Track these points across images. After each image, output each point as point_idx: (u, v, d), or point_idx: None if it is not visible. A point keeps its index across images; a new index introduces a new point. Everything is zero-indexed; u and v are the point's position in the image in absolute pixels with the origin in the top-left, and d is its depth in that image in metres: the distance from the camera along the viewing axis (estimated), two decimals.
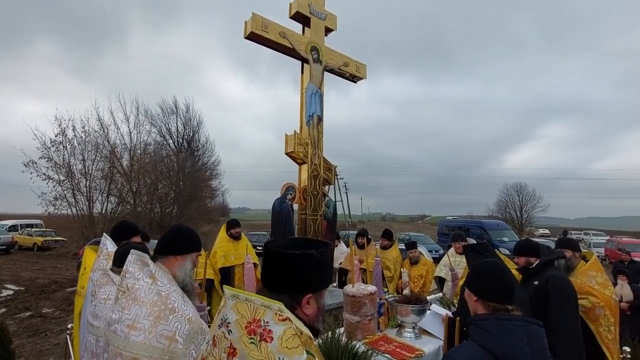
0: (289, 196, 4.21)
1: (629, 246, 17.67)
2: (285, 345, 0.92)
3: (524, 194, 43.21)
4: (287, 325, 0.95)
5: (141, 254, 1.56)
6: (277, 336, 0.92)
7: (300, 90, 4.36)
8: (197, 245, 1.77)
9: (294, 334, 0.94)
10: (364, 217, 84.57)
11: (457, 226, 20.87)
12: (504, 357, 1.27)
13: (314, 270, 1.09)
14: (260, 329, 0.93)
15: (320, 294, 1.14)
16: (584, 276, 2.89)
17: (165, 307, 1.41)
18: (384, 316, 3.21)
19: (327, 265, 1.16)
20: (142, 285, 1.47)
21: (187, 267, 1.68)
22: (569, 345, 2.42)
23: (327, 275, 1.17)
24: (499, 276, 1.45)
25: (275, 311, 0.96)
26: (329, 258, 1.15)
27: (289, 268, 1.08)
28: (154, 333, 1.35)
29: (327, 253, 1.13)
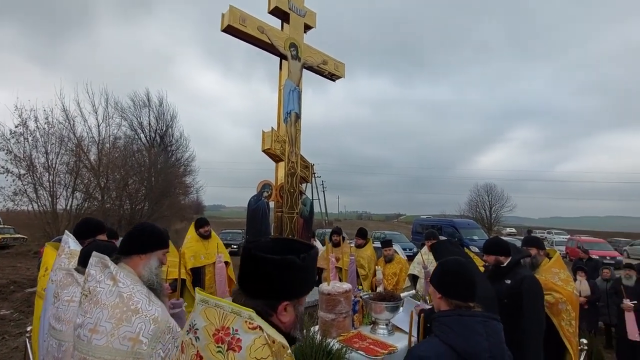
0: (265, 194, 4.16)
1: (587, 245, 18.85)
2: (254, 355, 0.88)
3: (493, 195, 45.09)
4: (257, 334, 0.91)
5: (101, 256, 1.52)
6: (246, 346, 0.88)
7: (278, 86, 4.31)
8: (162, 243, 1.72)
9: (264, 343, 0.91)
10: (340, 215, 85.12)
11: (430, 225, 21.47)
12: (465, 352, 1.32)
13: (293, 277, 1.03)
14: (228, 337, 0.89)
15: (299, 301, 1.09)
16: (548, 273, 3.04)
17: (127, 308, 1.39)
18: (358, 313, 3.24)
19: (309, 272, 1.08)
20: (103, 288, 1.44)
21: (152, 266, 1.63)
22: (536, 340, 2.55)
23: (308, 282, 1.10)
24: (462, 274, 1.50)
25: (245, 319, 0.92)
26: (311, 263, 1.07)
27: (266, 273, 1.01)
28: (116, 336, 1.33)
29: (309, 258, 1.06)
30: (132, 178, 20.95)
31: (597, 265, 7.72)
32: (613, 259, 16.78)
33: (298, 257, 1.02)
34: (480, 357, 1.32)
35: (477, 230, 20.90)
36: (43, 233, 16.62)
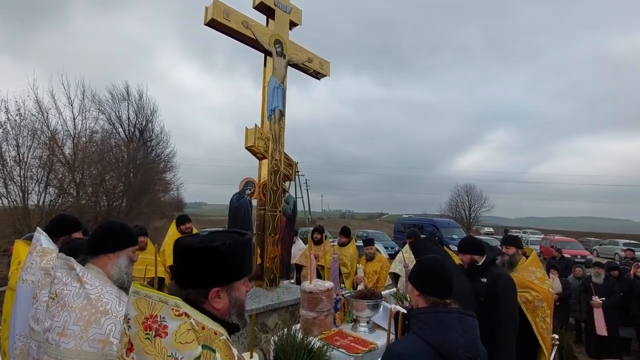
0: (248, 191, 4.11)
1: (560, 244, 19.62)
2: (179, 340, 0.92)
3: (472, 195, 46.29)
4: (182, 320, 0.96)
5: (67, 258, 1.48)
6: (172, 331, 0.93)
7: (263, 83, 4.26)
8: (130, 240, 1.68)
9: (190, 329, 0.95)
10: (324, 214, 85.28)
11: (412, 224, 21.83)
12: (441, 348, 1.35)
13: (220, 263, 1.07)
14: (156, 325, 0.94)
15: (232, 287, 1.11)
16: (525, 271, 3.14)
17: (96, 310, 1.36)
18: (340, 311, 3.26)
19: (237, 258, 1.11)
20: (70, 290, 1.41)
21: (121, 265, 1.59)
22: (510, 336, 2.64)
23: (238, 268, 1.13)
24: (439, 272, 1.53)
25: (171, 307, 0.96)
26: (238, 250, 1.11)
27: (192, 261, 1.07)
28: (85, 338, 1.31)
29: (236, 245, 1.10)
30: (109, 173, 20.29)
31: (569, 264, 8.06)
32: (584, 258, 17.52)
33: (223, 244, 1.06)
34: (456, 352, 1.34)
35: (456, 230, 21.41)
36: (13, 229, 15.86)
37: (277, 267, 4.20)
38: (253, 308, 3.68)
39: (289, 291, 4.22)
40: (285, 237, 4.35)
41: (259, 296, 3.96)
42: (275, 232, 4.16)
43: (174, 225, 4.74)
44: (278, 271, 4.21)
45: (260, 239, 4.11)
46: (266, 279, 4.10)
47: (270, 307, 3.85)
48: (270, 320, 3.88)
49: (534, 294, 2.96)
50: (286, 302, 3.99)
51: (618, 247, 22.02)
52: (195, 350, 0.93)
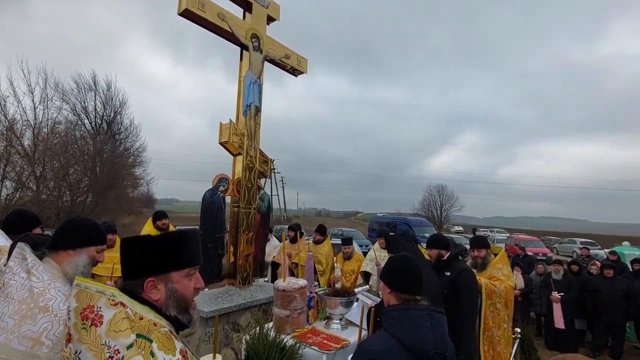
0: (222, 188, 4.01)
1: (524, 242, 20.64)
2: (112, 328, 0.95)
3: (444, 195, 47.81)
4: (118, 309, 0.98)
5: (23, 247, 1.39)
6: (107, 320, 0.96)
7: (239, 77, 4.17)
8: (96, 238, 1.59)
9: (124, 317, 0.97)
10: (299, 211, 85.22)
11: (386, 223, 22.22)
12: (411, 345, 1.38)
13: (150, 254, 1.10)
14: (92, 314, 0.96)
15: (168, 278, 1.12)
16: (494, 269, 3.32)
17: (35, 305, 1.26)
18: (313, 309, 3.26)
19: (172, 249, 1.13)
20: (16, 280, 1.32)
21: (80, 263, 1.50)
22: (471, 326, 2.82)
23: (174, 259, 1.13)
24: (409, 270, 1.56)
25: (108, 297, 0.99)
26: (175, 241, 1.14)
27: (126, 252, 1.12)
28: (16, 333, 1.21)
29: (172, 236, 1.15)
30: (73, 167, 19.25)
31: (532, 261, 8.49)
32: (545, 256, 18.51)
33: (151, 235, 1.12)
34: (426, 349, 1.37)
35: (428, 228, 22.01)
36: None
37: (250, 265, 4.14)
38: (225, 307, 3.60)
39: (262, 289, 4.17)
40: (260, 234, 4.29)
41: (232, 295, 3.89)
42: (249, 230, 4.10)
43: (150, 221, 4.58)
44: (251, 269, 4.15)
45: (234, 237, 4.03)
46: (239, 277, 4.03)
47: (242, 306, 3.79)
48: (242, 319, 3.83)
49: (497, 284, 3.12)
50: (259, 301, 3.94)
51: (576, 246, 23.47)
52: (128, 338, 0.94)
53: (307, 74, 4.95)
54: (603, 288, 6.15)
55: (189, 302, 1.16)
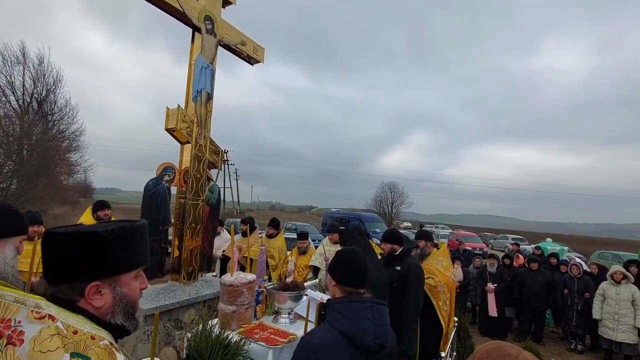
0: (167, 177, 3.75)
1: (464, 238, 22.27)
2: (38, 348, 0.78)
3: (395, 192, 49.91)
4: (44, 324, 0.81)
5: None
6: (30, 338, 0.78)
7: (189, 61, 3.91)
8: (20, 228, 1.44)
9: (54, 334, 0.80)
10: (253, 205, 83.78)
11: (339, 218, 22.63)
12: (352, 336, 1.40)
13: (100, 252, 0.91)
14: (8, 331, 0.78)
15: (116, 280, 0.95)
16: (434, 260, 3.50)
17: None
18: (261, 304, 3.20)
19: (124, 247, 0.96)
20: None
21: (7, 255, 1.35)
22: (414, 318, 2.95)
23: (126, 258, 0.97)
24: (354, 263, 1.58)
25: (31, 308, 0.81)
26: (127, 238, 0.96)
27: (64, 250, 0.90)
28: None
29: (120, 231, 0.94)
30: None
31: (470, 255, 9.16)
32: (481, 250, 20.13)
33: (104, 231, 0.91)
34: (366, 339, 1.40)
35: (379, 224, 22.82)
36: None
37: (196, 260, 3.95)
38: (166, 304, 3.40)
39: (209, 285, 4.01)
40: (208, 228, 4.11)
41: (175, 291, 3.69)
42: (197, 223, 3.90)
43: (88, 212, 4.14)
44: (198, 264, 3.96)
45: (179, 230, 3.81)
46: (184, 272, 3.83)
47: (186, 302, 3.61)
48: (186, 316, 3.64)
49: (436, 279, 3.32)
50: (205, 296, 3.78)
51: (507, 241, 25.86)
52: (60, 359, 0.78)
53: (263, 63, 4.81)
54: (528, 279, 6.82)
55: (136, 305, 1.01)
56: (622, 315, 5.59)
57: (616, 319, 5.63)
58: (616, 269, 5.94)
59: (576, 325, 6.26)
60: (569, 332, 6.53)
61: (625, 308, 5.58)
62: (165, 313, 3.45)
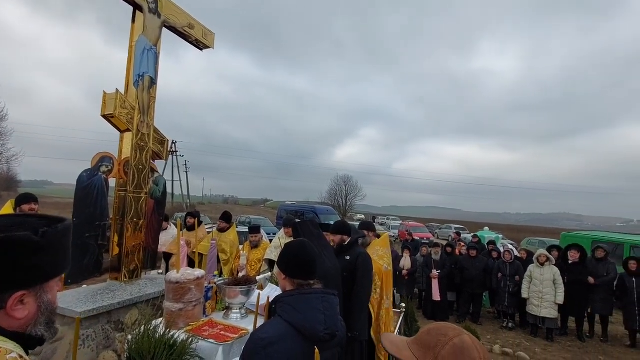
0: (104, 168, 3.43)
1: (413, 229, 23.49)
2: None
3: (349, 185, 50.99)
4: None
5: None
6: None
7: (130, 42, 3.59)
8: None
9: None
10: (205, 199, 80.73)
11: (294, 211, 22.63)
12: (302, 328, 1.40)
13: (31, 259, 0.81)
14: None
15: (44, 289, 0.86)
16: (372, 249, 3.62)
17: None
18: (211, 300, 3.09)
19: (56, 250, 0.87)
20: None
21: None
22: (364, 304, 3.04)
23: (57, 264, 0.88)
24: (302, 255, 1.58)
25: None
26: (57, 240, 0.87)
27: None
28: None
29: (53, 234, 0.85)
30: None
31: (418, 245, 9.67)
32: (428, 240, 21.37)
33: (35, 233, 0.81)
34: (316, 330, 1.40)
35: (333, 216, 23.22)
36: None
37: (139, 257, 3.69)
38: (105, 305, 3.15)
39: (154, 283, 3.78)
40: (152, 222, 3.86)
41: (114, 290, 3.42)
42: (139, 217, 3.64)
43: (9, 206, 3.66)
44: (140, 261, 3.71)
45: (119, 225, 3.53)
46: (125, 270, 3.56)
47: (128, 302, 3.37)
48: (127, 317, 3.40)
49: None
50: (150, 295, 3.56)
51: (451, 231, 27.73)
52: None
53: (213, 49, 4.58)
54: (468, 265, 7.39)
55: (56, 311, 0.90)
56: (545, 293, 6.28)
57: (540, 297, 6.32)
58: (540, 253, 6.65)
59: (508, 305, 6.92)
60: (502, 312, 7.20)
61: (548, 287, 6.29)
62: (104, 315, 3.20)
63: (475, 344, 0.83)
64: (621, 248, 9.46)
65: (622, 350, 6.08)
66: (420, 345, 0.86)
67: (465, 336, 0.84)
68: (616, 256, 8.69)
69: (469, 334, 0.87)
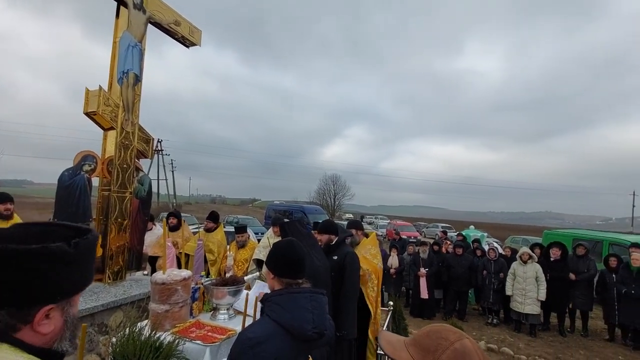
0: (87, 167, 3.34)
1: (400, 228, 23.71)
2: None
3: (338, 184, 51.12)
4: None
5: None
6: None
7: (114, 38, 3.51)
8: None
9: None
10: (192, 198, 79.68)
11: (282, 210, 22.57)
12: (291, 327, 1.39)
13: (62, 271, 0.77)
14: None
15: (70, 302, 0.83)
16: (363, 248, 3.65)
17: None
18: (198, 301, 3.05)
19: (85, 262, 0.84)
20: None
21: None
22: (353, 303, 3.05)
23: (85, 276, 0.85)
24: (290, 254, 1.57)
25: None
26: (88, 251, 0.84)
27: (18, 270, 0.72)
28: None
29: (85, 244, 0.81)
30: None
31: (405, 244, 9.76)
32: (415, 239, 21.62)
33: (68, 244, 0.77)
34: (305, 329, 1.40)
35: (321, 216, 23.23)
36: None
37: (124, 258, 3.62)
38: (88, 307, 3.08)
39: (139, 284, 3.71)
40: (137, 223, 3.78)
41: (98, 292, 3.35)
42: (124, 217, 3.56)
43: None
44: (125, 262, 3.64)
45: (103, 225, 3.45)
46: (109, 271, 3.48)
47: (112, 304, 3.30)
48: (111, 319, 3.33)
49: (364, 268, 3.47)
50: (135, 297, 3.49)
51: (438, 229, 28.13)
52: None
53: (199, 46, 4.52)
54: (454, 263, 7.50)
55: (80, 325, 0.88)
56: (528, 290, 6.44)
57: (523, 294, 6.47)
58: (524, 251, 6.81)
59: (492, 302, 7.07)
60: (487, 309, 7.34)
61: (531, 284, 6.44)
62: (86, 317, 3.12)
63: (476, 348, 0.82)
64: (600, 245, 9.76)
65: (601, 344, 6.28)
66: (419, 348, 0.84)
67: (466, 340, 0.83)
68: (596, 253, 8.97)
69: (470, 337, 0.85)
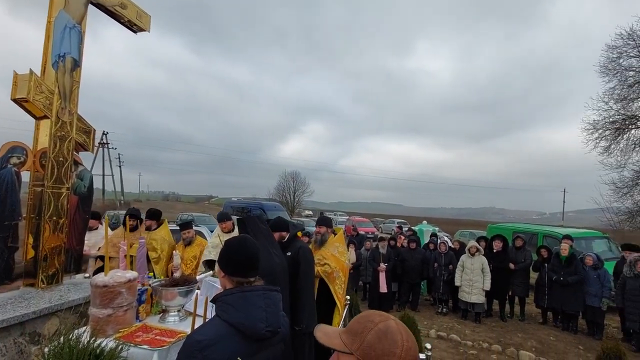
0: (15, 160, 2.99)
1: (358, 223, 24.26)
2: None
3: (297, 181, 51.07)
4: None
5: None
6: None
7: (48, 17, 3.16)
8: None
9: None
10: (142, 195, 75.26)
11: (240, 207, 22.07)
12: (242, 326, 1.34)
13: None
14: None
15: None
16: (331, 246, 3.69)
17: None
18: (145, 304, 2.87)
19: None
20: None
21: None
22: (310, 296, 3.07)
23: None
24: (242, 252, 1.52)
25: None
26: None
27: None
28: None
29: None
30: None
31: (362, 239, 9.99)
32: (372, 234, 22.23)
33: None
34: (257, 328, 1.36)
35: (281, 212, 23.05)
36: None
37: (60, 260, 3.30)
38: (17, 315, 2.77)
39: (77, 288, 3.41)
40: (76, 221, 3.47)
41: (29, 299, 3.02)
42: (60, 216, 3.24)
43: None
44: (62, 264, 3.32)
45: (35, 224, 3.11)
46: (42, 275, 3.16)
47: (46, 311, 2.99)
48: (45, 328, 3.03)
49: (332, 266, 3.52)
50: (73, 302, 3.20)
51: (394, 225, 29.20)
52: None
53: (148, 32, 4.23)
54: (408, 257, 7.83)
55: None
56: (475, 281, 6.91)
57: (471, 284, 6.93)
58: (471, 244, 7.29)
59: (442, 292, 7.49)
60: (437, 299, 7.76)
61: (478, 275, 6.92)
62: (16, 326, 2.81)
63: (400, 328, 0.85)
64: (536, 237, 10.73)
65: (536, 327, 6.93)
66: (349, 333, 0.88)
67: (391, 321, 0.86)
68: (532, 245, 9.85)
69: (396, 319, 0.89)
